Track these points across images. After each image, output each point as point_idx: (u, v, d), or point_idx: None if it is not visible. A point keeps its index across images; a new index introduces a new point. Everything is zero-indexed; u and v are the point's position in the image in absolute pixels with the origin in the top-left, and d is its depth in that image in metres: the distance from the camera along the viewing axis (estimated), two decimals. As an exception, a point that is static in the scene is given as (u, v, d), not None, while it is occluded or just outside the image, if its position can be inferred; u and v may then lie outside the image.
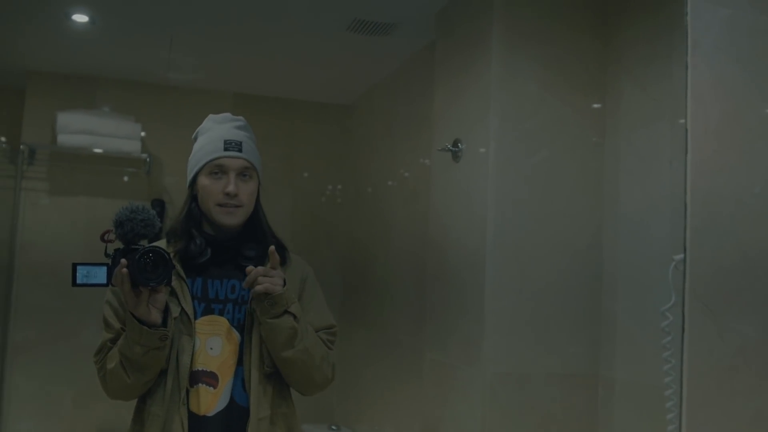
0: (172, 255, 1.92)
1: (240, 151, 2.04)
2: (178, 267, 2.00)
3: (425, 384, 3.08)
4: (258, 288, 1.91)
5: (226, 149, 2.03)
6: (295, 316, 1.94)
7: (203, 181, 2.04)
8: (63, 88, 4.38)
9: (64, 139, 4.18)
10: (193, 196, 2.09)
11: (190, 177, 2.09)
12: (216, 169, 2.03)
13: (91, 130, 4.22)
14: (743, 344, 1.51)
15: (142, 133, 4.40)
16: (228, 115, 2.14)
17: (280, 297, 1.92)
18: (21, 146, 4.30)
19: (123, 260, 1.79)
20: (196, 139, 2.14)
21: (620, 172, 2.65)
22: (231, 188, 2.01)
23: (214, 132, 2.08)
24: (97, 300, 2.08)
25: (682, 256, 1.56)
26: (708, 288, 1.52)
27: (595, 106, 2.76)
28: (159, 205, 4.36)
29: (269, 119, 4.55)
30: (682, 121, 1.64)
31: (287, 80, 4.48)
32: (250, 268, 1.92)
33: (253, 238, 2.09)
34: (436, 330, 3.02)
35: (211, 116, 2.15)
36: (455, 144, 2.88)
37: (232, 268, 2.06)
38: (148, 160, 4.45)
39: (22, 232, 4.29)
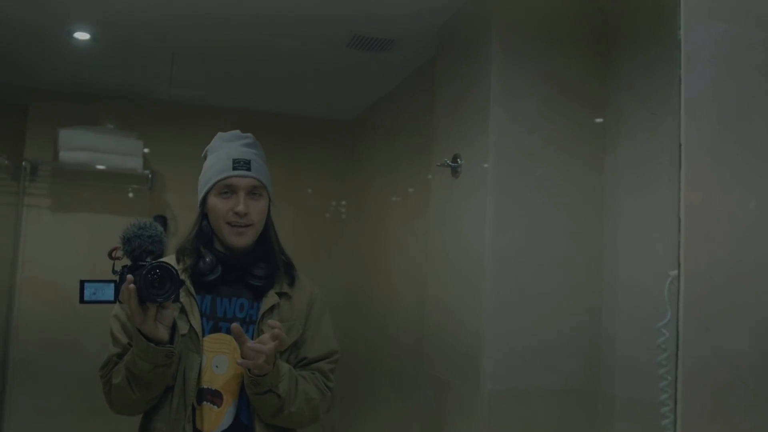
0: (181, 271, 1.91)
1: (249, 169, 2.04)
2: (188, 283, 2.00)
3: (424, 400, 3.06)
4: (239, 362, 1.89)
5: (235, 168, 2.03)
6: (279, 396, 1.93)
7: (213, 200, 2.04)
8: (65, 105, 4.40)
9: (66, 155, 4.19)
10: (203, 215, 2.10)
11: (200, 196, 2.10)
12: (225, 188, 2.03)
13: (93, 147, 4.23)
14: (738, 361, 1.49)
15: (145, 150, 4.41)
16: (237, 132, 2.14)
17: (264, 380, 1.89)
18: (23, 163, 4.31)
19: (130, 276, 1.78)
20: (206, 157, 2.14)
21: (620, 187, 2.64)
22: (240, 207, 2.01)
23: (223, 150, 2.08)
24: (99, 316, 2.08)
25: (677, 271, 1.55)
26: (702, 304, 1.50)
27: (596, 120, 2.75)
28: (161, 221, 4.36)
29: (271, 136, 4.53)
30: (681, 135, 1.63)
31: (289, 96, 4.49)
32: (236, 327, 1.88)
33: (263, 257, 2.09)
34: (435, 346, 3.00)
35: (220, 134, 2.16)
36: (455, 159, 2.88)
37: (241, 287, 2.06)
38: (150, 176, 4.46)
39: (23, 248, 4.30)
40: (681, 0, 1.61)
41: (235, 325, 1.88)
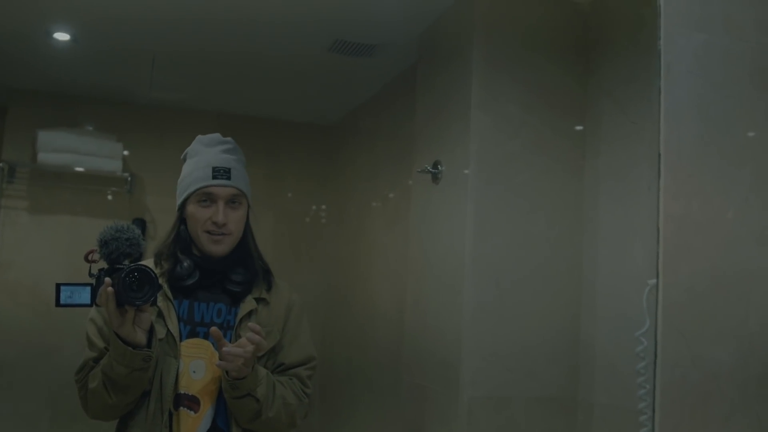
0: (159, 275, 1.90)
1: (229, 178, 2.02)
2: (166, 288, 1.99)
3: (403, 407, 3.06)
4: (218, 364, 1.88)
5: (214, 177, 2.01)
6: (258, 400, 1.92)
7: (191, 208, 2.03)
8: (44, 107, 4.34)
9: (44, 157, 4.14)
10: (182, 219, 2.08)
11: (179, 201, 2.08)
12: (204, 197, 2.02)
13: (72, 149, 4.18)
14: (716, 370, 1.50)
15: (124, 153, 4.37)
16: (217, 136, 2.12)
17: (242, 383, 1.88)
18: (1, 164, 4.25)
19: (108, 279, 1.76)
20: (184, 160, 2.12)
21: (600, 194, 2.65)
22: (219, 218, 1.99)
23: (203, 157, 2.06)
24: (77, 320, 2.05)
25: (655, 280, 1.56)
26: (681, 313, 1.51)
27: (576, 128, 2.76)
28: (140, 224, 4.33)
29: (252, 139, 4.51)
30: (660, 144, 1.64)
31: (270, 100, 4.47)
32: (215, 330, 1.88)
33: (241, 263, 2.08)
34: (414, 352, 3.00)
35: (199, 137, 2.13)
36: (435, 166, 2.88)
37: (219, 292, 2.05)
38: (129, 179, 4.42)
39: (1, 250, 4.25)
40: (661, 10, 1.62)
41: (214, 328, 1.87)
